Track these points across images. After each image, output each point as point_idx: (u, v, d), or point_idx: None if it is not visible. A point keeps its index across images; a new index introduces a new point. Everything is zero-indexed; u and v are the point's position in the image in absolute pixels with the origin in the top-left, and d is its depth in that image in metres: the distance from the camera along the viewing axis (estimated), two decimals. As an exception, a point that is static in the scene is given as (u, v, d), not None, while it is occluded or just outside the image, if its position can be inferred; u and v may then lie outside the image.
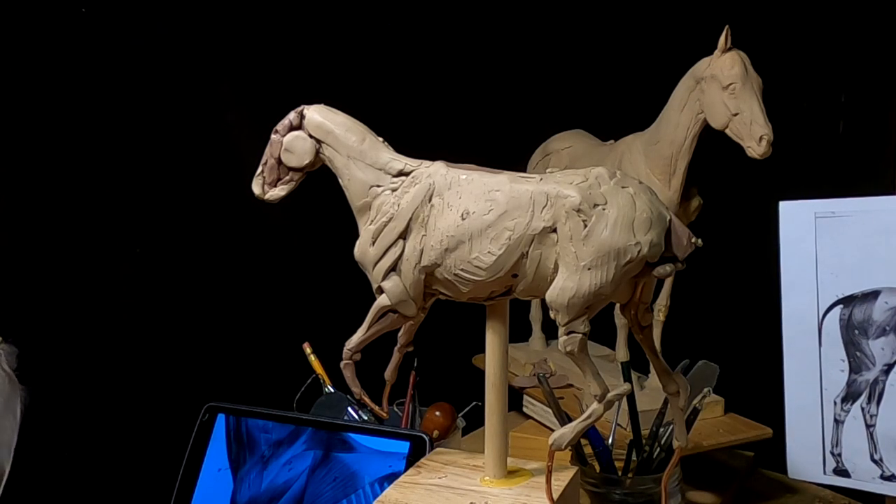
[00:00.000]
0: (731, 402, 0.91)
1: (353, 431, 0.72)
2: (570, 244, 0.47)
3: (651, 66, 1.04)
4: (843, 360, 0.78)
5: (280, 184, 0.54)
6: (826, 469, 0.79)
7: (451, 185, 0.50)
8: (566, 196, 0.47)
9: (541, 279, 0.49)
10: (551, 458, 0.52)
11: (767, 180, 0.91)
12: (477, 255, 0.49)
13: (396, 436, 0.70)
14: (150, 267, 1.05)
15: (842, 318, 0.78)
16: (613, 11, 1.18)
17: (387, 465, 0.70)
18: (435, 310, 0.56)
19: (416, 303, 0.52)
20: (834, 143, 1.11)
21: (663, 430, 0.75)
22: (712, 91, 0.79)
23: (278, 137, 0.53)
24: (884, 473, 0.77)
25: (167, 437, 0.81)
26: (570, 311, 0.48)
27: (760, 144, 0.76)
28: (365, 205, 0.52)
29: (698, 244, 0.49)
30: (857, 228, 0.78)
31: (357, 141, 0.52)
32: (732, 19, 0.80)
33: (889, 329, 0.76)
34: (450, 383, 0.87)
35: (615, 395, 0.50)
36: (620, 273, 0.47)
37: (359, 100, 0.63)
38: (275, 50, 1.08)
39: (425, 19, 1.16)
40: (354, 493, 0.70)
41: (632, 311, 0.51)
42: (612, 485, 0.72)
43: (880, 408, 0.77)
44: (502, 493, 0.53)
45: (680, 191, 0.85)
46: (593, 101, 1.16)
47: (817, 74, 1.10)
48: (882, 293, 0.77)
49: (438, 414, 0.79)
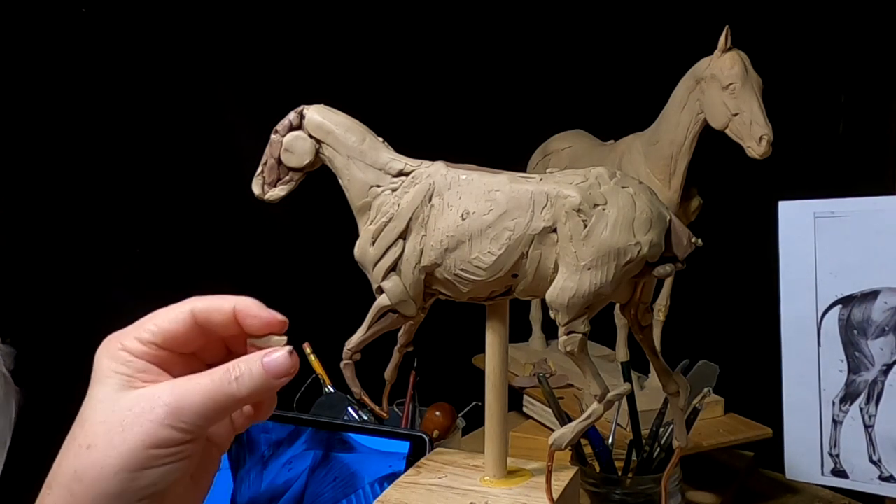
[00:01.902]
0: (731, 402, 0.91)
1: (353, 431, 0.72)
2: (570, 244, 0.47)
3: (651, 66, 1.04)
4: (841, 361, 0.78)
5: (280, 184, 0.54)
6: (824, 470, 0.79)
7: (451, 185, 0.50)
8: (566, 196, 0.47)
9: (541, 279, 0.49)
10: (551, 458, 0.52)
11: (767, 180, 0.91)
12: (477, 255, 0.49)
13: (396, 436, 0.70)
14: (150, 267, 1.05)
15: (841, 318, 0.78)
16: (613, 12, 1.18)
17: (387, 465, 0.70)
18: (435, 310, 0.56)
19: (416, 303, 0.52)
20: (834, 143, 1.11)
21: (663, 430, 0.75)
22: (712, 91, 0.79)
23: (278, 137, 0.53)
24: (882, 474, 0.77)
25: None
26: (570, 311, 0.48)
27: (760, 144, 0.76)
28: (365, 205, 0.52)
29: (698, 244, 0.49)
30: (856, 228, 0.78)
31: (357, 141, 0.52)
32: (732, 19, 0.80)
33: (888, 329, 0.76)
34: (450, 383, 0.87)
35: (615, 395, 0.50)
36: (620, 273, 0.47)
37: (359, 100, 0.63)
38: (275, 50, 1.08)
39: (425, 19, 1.16)
40: (354, 493, 0.70)
41: (632, 311, 0.51)
42: (612, 485, 0.72)
43: (879, 408, 0.77)
44: (502, 493, 0.53)
45: (680, 191, 0.85)
46: (593, 101, 1.16)
47: (817, 74, 1.10)
48: (881, 293, 0.77)
49: (438, 414, 0.80)
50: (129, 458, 0.39)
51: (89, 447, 0.40)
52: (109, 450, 0.39)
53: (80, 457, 0.40)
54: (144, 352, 0.42)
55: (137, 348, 0.42)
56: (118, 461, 0.39)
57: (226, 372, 0.42)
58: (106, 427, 0.40)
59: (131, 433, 0.40)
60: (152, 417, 0.40)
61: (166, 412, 0.40)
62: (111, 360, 0.42)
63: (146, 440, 0.40)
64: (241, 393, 0.42)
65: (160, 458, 0.40)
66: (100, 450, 0.39)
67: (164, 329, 0.43)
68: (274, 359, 0.43)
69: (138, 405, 0.40)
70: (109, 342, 0.43)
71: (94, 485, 0.39)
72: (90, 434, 0.40)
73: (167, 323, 0.43)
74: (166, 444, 0.40)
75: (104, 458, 0.39)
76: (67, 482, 0.40)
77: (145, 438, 0.40)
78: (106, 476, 0.39)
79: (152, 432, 0.40)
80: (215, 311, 0.44)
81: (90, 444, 0.40)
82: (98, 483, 0.39)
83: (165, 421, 0.40)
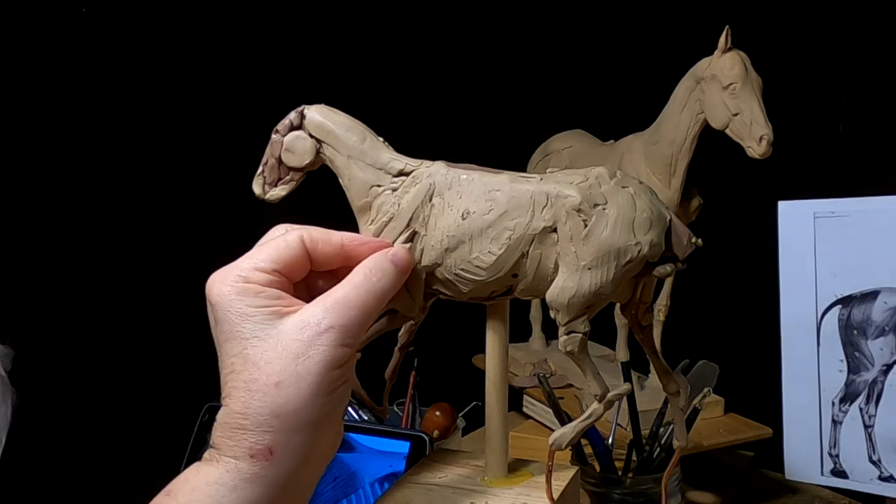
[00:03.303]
0: (731, 402, 0.91)
1: (353, 431, 0.72)
2: (570, 244, 0.47)
3: (651, 66, 1.04)
4: (841, 361, 0.78)
5: (280, 184, 0.54)
6: (824, 470, 0.79)
7: (451, 185, 0.50)
8: (566, 196, 0.47)
9: (541, 279, 0.49)
10: (551, 458, 0.52)
11: (767, 180, 0.91)
12: (477, 255, 0.49)
13: (397, 436, 0.70)
14: (150, 266, 1.05)
15: (840, 318, 0.78)
16: (613, 12, 1.19)
17: (387, 465, 0.70)
18: (435, 310, 0.56)
19: (416, 303, 0.52)
20: (834, 144, 1.11)
21: (663, 430, 0.75)
22: (712, 91, 0.79)
23: (279, 137, 0.53)
24: (882, 474, 0.77)
25: (167, 437, 0.81)
26: (570, 311, 0.48)
27: (761, 144, 0.76)
28: (365, 205, 0.52)
29: (698, 244, 0.49)
30: (856, 228, 0.78)
31: (358, 141, 0.52)
32: (732, 19, 0.80)
33: (888, 329, 0.76)
34: (450, 383, 0.87)
35: (615, 394, 0.50)
36: (621, 273, 0.47)
37: (359, 100, 0.63)
38: (275, 50, 1.08)
39: (426, 19, 1.16)
40: (355, 493, 0.70)
41: (632, 311, 0.51)
42: (612, 485, 0.72)
43: (879, 408, 0.77)
44: (503, 493, 0.53)
45: (680, 191, 0.85)
46: (593, 101, 1.16)
47: (817, 75, 1.10)
48: (881, 293, 0.77)
49: (438, 414, 0.80)
50: (320, 385, 0.41)
51: (278, 384, 0.41)
52: (300, 381, 0.41)
53: (271, 395, 0.41)
54: (270, 280, 0.44)
55: (263, 278, 0.44)
56: (311, 389, 0.41)
57: (364, 277, 0.44)
58: (283, 362, 0.41)
59: (312, 361, 0.41)
60: (325, 341, 0.41)
61: (335, 333, 0.42)
62: (242, 295, 0.43)
63: (329, 362, 0.41)
64: (384, 291, 0.44)
65: (339, 378, 0.42)
66: (291, 384, 0.41)
67: (281, 256, 0.45)
68: (396, 253, 0.46)
69: (304, 332, 0.42)
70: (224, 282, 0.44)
71: (294, 416, 0.41)
72: (271, 372, 0.41)
73: (282, 250, 0.45)
74: (342, 363, 0.42)
75: (297, 391, 0.41)
76: (266, 421, 0.41)
77: (327, 361, 0.41)
78: (304, 406, 0.41)
79: (330, 355, 0.41)
80: (324, 241, 0.46)
81: (278, 382, 0.41)
82: (298, 414, 0.41)
83: (336, 341, 0.42)
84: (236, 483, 0.41)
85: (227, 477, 0.41)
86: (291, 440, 0.41)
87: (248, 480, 0.41)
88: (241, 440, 0.42)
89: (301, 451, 0.42)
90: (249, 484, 0.41)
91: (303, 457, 0.42)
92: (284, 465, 0.42)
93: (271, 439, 0.41)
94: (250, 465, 0.41)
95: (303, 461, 0.42)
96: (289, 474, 0.42)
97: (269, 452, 0.41)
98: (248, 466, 0.41)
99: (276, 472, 0.42)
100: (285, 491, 0.42)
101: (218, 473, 0.42)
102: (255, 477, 0.41)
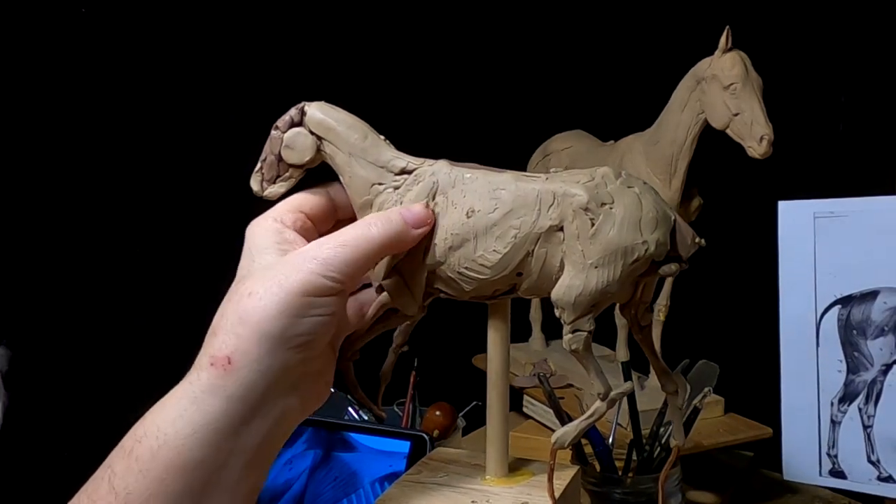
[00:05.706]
0: (731, 402, 0.91)
1: (353, 431, 0.72)
2: (576, 242, 0.47)
3: (651, 66, 1.04)
4: (840, 361, 0.78)
5: (279, 180, 0.54)
6: (822, 471, 0.79)
7: (455, 184, 0.50)
8: (573, 195, 0.47)
9: (545, 278, 0.49)
10: (553, 457, 0.52)
11: (767, 180, 0.91)
12: (482, 254, 0.49)
13: (397, 435, 0.70)
14: (149, 266, 1.05)
15: (840, 318, 0.78)
16: (614, 12, 1.19)
17: (387, 465, 0.70)
18: (435, 310, 0.56)
19: (417, 301, 0.52)
20: (834, 144, 1.11)
21: (663, 429, 0.75)
22: (713, 91, 0.79)
23: (279, 133, 0.53)
24: (881, 475, 0.77)
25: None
26: (576, 310, 0.48)
27: (761, 144, 0.76)
28: (367, 203, 0.52)
29: (702, 244, 0.49)
30: (855, 228, 0.78)
31: (359, 138, 0.52)
32: (733, 19, 0.80)
33: (888, 329, 0.76)
34: (450, 383, 0.87)
35: (618, 393, 0.50)
36: (627, 271, 0.47)
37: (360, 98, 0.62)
38: (275, 48, 1.08)
39: (426, 19, 1.16)
40: (355, 493, 0.70)
41: (632, 310, 0.51)
42: (612, 484, 0.72)
43: (878, 408, 0.77)
44: (503, 492, 0.53)
45: (680, 191, 0.85)
46: (593, 101, 1.16)
47: (818, 75, 1.10)
48: (881, 293, 0.77)
49: (439, 414, 0.80)
50: (288, 304, 0.44)
51: (251, 294, 0.44)
52: (271, 296, 0.44)
53: (243, 302, 0.44)
54: (294, 219, 0.49)
55: (289, 217, 0.49)
56: (278, 306, 0.44)
57: (364, 223, 0.48)
58: (263, 279, 0.45)
59: (287, 281, 0.44)
60: (305, 267, 0.45)
61: (318, 263, 0.45)
62: (267, 232, 0.48)
63: (303, 288, 0.44)
64: (383, 238, 0.47)
65: (315, 306, 0.44)
66: (261, 296, 0.44)
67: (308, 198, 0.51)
68: (410, 209, 0.48)
69: (293, 260, 0.46)
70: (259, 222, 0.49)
71: (257, 326, 0.44)
72: (250, 286, 0.45)
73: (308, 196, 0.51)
74: (320, 293, 0.45)
75: (265, 304, 0.44)
76: (232, 326, 0.44)
77: (302, 286, 0.44)
78: (268, 318, 0.44)
79: (307, 280, 0.44)
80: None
81: (251, 292, 0.44)
82: (260, 324, 0.44)
83: (317, 270, 0.45)
84: (196, 394, 0.43)
85: (189, 389, 0.44)
86: (251, 350, 0.43)
87: (208, 392, 0.43)
88: (208, 346, 0.44)
89: (260, 367, 0.43)
90: (209, 396, 0.43)
91: (262, 374, 0.43)
92: (242, 377, 0.43)
93: (233, 345, 0.43)
94: (209, 374, 0.43)
95: (264, 381, 0.44)
96: (248, 388, 0.43)
97: (228, 361, 0.43)
98: (208, 376, 0.43)
99: (234, 383, 0.43)
100: (248, 409, 0.44)
101: (183, 388, 0.44)
102: (213, 388, 0.43)
